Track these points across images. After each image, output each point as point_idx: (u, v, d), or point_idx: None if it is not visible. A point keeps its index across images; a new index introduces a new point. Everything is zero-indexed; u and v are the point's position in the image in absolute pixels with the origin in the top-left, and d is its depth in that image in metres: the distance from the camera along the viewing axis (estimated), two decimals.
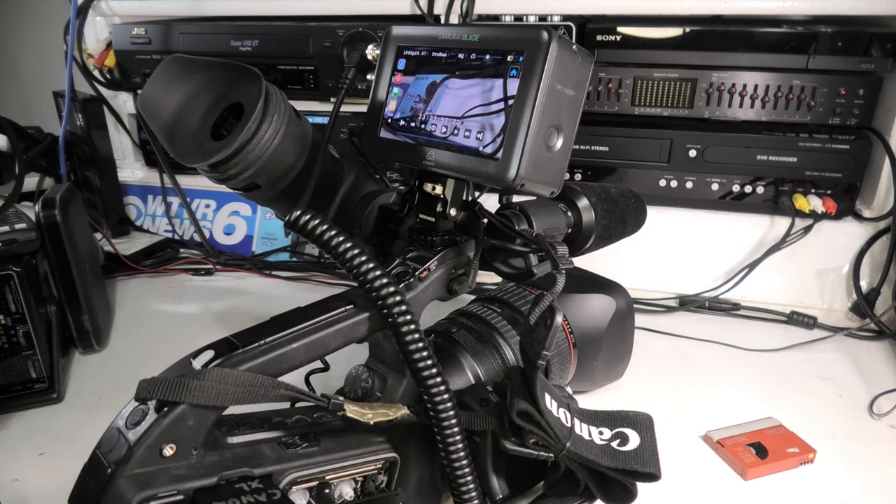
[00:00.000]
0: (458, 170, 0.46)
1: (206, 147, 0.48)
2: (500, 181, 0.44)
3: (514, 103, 0.43)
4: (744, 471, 0.57)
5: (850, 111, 0.80)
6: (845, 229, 0.84)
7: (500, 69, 0.44)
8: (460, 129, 0.46)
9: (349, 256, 0.40)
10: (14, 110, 0.95)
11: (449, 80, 0.48)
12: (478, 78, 0.45)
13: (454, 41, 0.47)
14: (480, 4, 0.85)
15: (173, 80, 0.50)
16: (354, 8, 0.91)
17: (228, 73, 0.50)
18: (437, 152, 0.47)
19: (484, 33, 0.45)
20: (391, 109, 0.50)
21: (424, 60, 0.49)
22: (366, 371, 0.48)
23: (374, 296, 0.41)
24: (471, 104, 0.46)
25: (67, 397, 0.69)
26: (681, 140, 0.84)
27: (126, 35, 1.01)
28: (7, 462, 0.60)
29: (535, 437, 0.43)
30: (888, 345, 0.78)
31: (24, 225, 0.67)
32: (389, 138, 0.51)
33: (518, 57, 0.43)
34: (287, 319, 0.42)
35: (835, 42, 0.78)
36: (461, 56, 0.46)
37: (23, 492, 0.57)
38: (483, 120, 0.45)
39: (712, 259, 0.88)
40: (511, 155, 0.43)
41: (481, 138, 0.45)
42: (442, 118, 0.47)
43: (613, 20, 0.85)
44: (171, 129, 0.49)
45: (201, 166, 0.50)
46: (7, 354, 0.66)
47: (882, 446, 0.61)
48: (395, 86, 0.50)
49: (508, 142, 0.43)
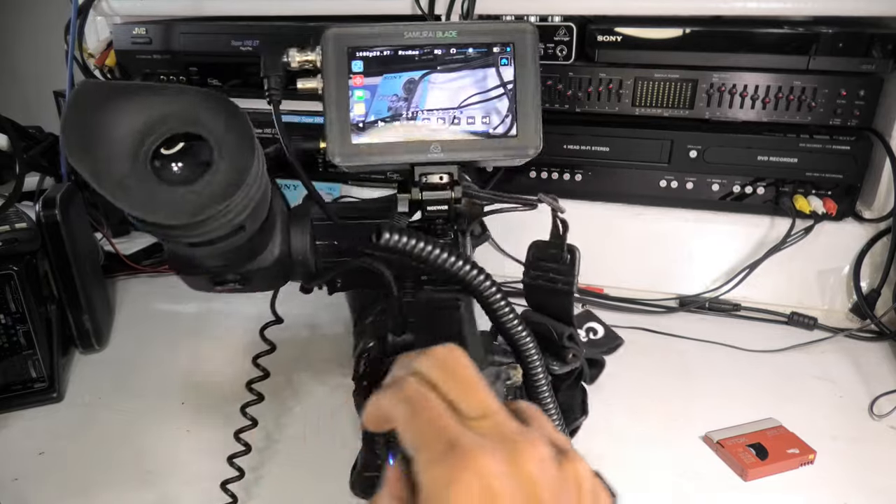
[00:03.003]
0: (472, 154, 0.50)
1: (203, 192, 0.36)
2: (525, 155, 0.51)
3: (516, 87, 0.50)
4: (744, 472, 0.57)
5: (851, 112, 0.80)
6: (846, 230, 0.84)
7: (489, 59, 0.50)
8: (460, 118, 0.50)
9: (443, 263, 0.42)
10: (14, 110, 0.95)
11: (430, 76, 0.49)
12: (465, 70, 0.50)
13: (426, 38, 0.49)
14: (481, 5, 0.85)
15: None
16: (354, 8, 0.91)
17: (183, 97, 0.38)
18: (441, 144, 0.49)
19: (461, 30, 0.50)
20: (360, 113, 0.50)
21: (390, 60, 0.49)
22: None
23: (478, 292, 0.43)
24: (466, 94, 0.50)
25: (67, 397, 0.69)
26: (681, 141, 0.84)
27: (127, 35, 1.01)
28: (7, 461, 0.60)
29: (573, 351, 0.58)
30: (888, 346, 0.78)
31: (25, 224, 0.67)
32: (368, 142, 0.50)
33: (505, 48, 0.50)
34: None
35: (836, 43, 0.78)
36: (438, 52, 0.50)
37: (23, 491, 0.57)
38: (486, 106, 0.50)
39: (712, 259, 0.88)
40: (527, 130, 0.50)
41: (488, 122, 0.50)
42: (435, 111, 0.50)
43: (614, 20, 0.85)
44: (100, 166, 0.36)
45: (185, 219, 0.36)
46: (7, 354, 0.66)
47: (882, 447, 0.61)
48: (357, 88, 0.50)
49: (522, 119, 0.50)
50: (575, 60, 0.86)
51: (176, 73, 1.01)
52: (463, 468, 0.26)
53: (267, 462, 0.60)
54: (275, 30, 0.95)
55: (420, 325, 0.43)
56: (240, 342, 0.78)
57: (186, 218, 0.36)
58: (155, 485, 0.58)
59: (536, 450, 0.28)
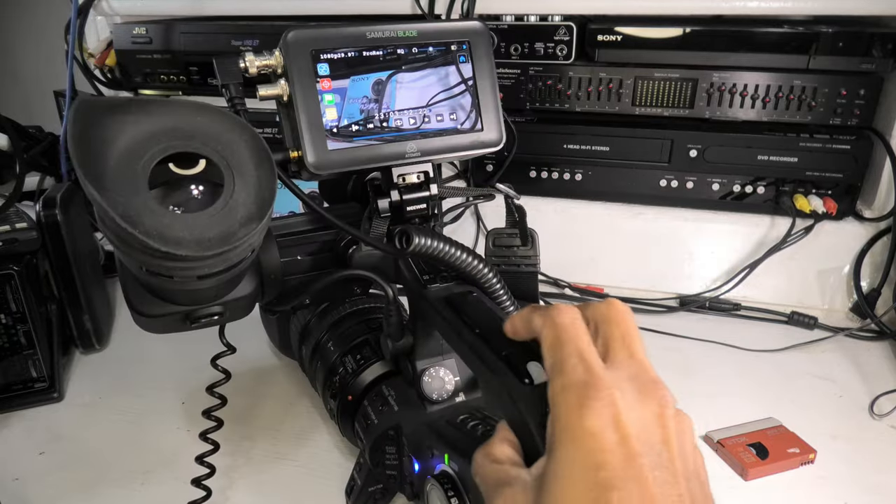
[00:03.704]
0: (445, 151, 0.51)
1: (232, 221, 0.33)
2: (492, 145, 0.52)
3: (476, 82, 0.51)
4: (744, 471, 0.57)
5: (851, 111, 0.80)
6: (846, 229, 0.84)
7: (449, 58, 0.51)
8: (430, 116, 0.51)
9: (467, 266, 0.45)
10: (15, 109, 0.95)
11: (397, 76, 0.50)
12: (428, 68, 0.50)
13: (389, 38, 0.49)
14: (481, 4, 0.85)
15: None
16: (354, 8, 0.91)
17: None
18: (416, 143, 0.50)
19: (420, 29, 0.50)
20: (332, 118, 0.48)
21: (356, 61, 0.48)
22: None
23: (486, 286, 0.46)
24: (432, 92, 0.51)
25: (68, 397, 0.69)
26: (681, 140, 0.84)
27: (127, 34, 1.01)
28: (7, 461, 0.60)
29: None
30: (888, 345, 0.78)
31: (25, 224, 0.67)
32: (345, 147, 0.48)
33: (462, 45, 0.51)
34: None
35: (836, 42, 0.78)
36: (401, 52, 0.50)
37: (23, 491, 0.57)
38: (451, 103, 0.51)
39: (712, 259, 0.88)
40: (491, 122, 0.52)
41: (455, 118, 0.51)
42: (405, 111, 0.50)
43: (614, 20, 0.85)
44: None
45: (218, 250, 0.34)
46: (7, 353, 0.66)
47: (882, 447, 0.61)
48: (326, 93, 0.48)
49: (484, 113, 0.52)
50: (575, 60, 0.86)
51: (176, 73, 1.01)
52: (596, 397, 0.28)
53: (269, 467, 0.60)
54: (275, 30, 0.95)
55: (451, 318, 0.42)
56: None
57: (218, 246, 0.32)
58: (155, 485, 0.58)
59: (666, 398, 0.30)
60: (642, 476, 0.27)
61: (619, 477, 0.27)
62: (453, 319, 0.41)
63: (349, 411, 0.54)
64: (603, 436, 0.28)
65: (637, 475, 0.27)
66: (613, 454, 0.27)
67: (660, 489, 0.27)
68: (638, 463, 0.27)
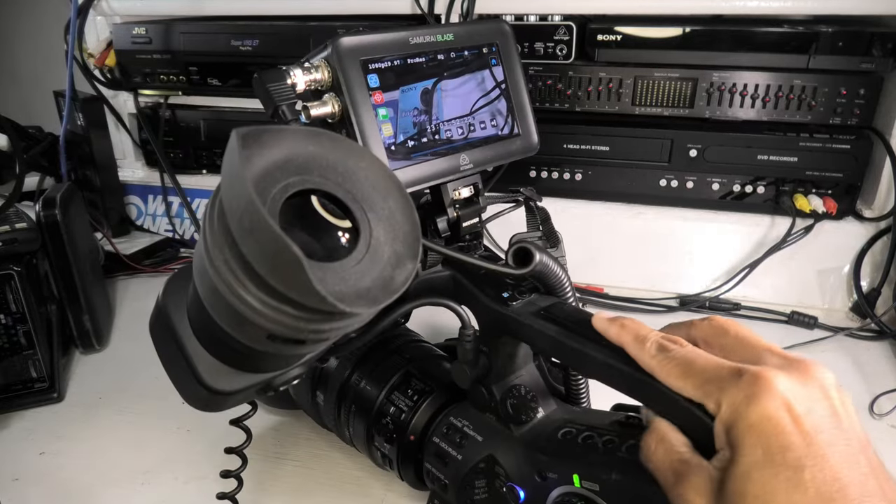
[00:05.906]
0: (493, 160, 0.49)
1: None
2: (530, 150, 0.51)
3: (508, 86, 0.50)
4: None
5: (851, 111, 0.80)
6: (846, 229, 0.84)
7: (482, 61, 0.49)
8: (475, 124, 0.48)
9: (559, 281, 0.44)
10: (14, 110, 0.95)
11: (441, 83, 0.46)
12: (467, 74, 0.48)
13: (430, 44, 0.46)
14: (481, 4, 0.85)
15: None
16: (354, 8, 0.91)
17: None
18: (467, 154, 0.48)
19: (456, 31, 0.47)
20: (389, 135, 0.43)
21: (403, 70, 0.44)
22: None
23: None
24: (473, 99, 0.48)
25: (68, 397, 0.69)
26: (681, 140, 0.84)
27: (127, 34, 1.01)
28: (7, 461, 0.60)
29: None
30: (889, 345, 0.78)
31: (25, 224, 0.67)
32: (405, 166, 0.44)
33: (491, 47, 0.49)
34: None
35: (836, 42, 0.78)
36: (441, 57, 0.47)
37: (23, 491, 0.57)
38: (490, 108, 0.49)
39: (712, 259, 0.88)
40: (528, 126, 0.51)
41: (496, 124, 0.49)
42: (454, 121, 0.47)
43: (614, 20, 0.85)
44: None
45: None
46: (7, 354, 0.66)
47: (882, 446, 0.61)
48: (380, 107, 0.43)
49: (520, 117, 0.51)
50: (575, 60, 0.86)
51: (176, 73, 1.01)
52: (754, 384, 0.29)
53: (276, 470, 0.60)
54: (275, 30, 0.95)
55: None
56: None
57: (383, 298, 0.27)
58: (155, 485, 0.58)
59: (822, 372, 0.31)
60: (823, 452, 0.28)
61: (805, 455, 0.28)
62: (561, 333, 0.40)
63: (412, 452, 0.50)
64: (780, 419, 0.28)
65: (819, 452, 0.28)
66: (795, 435, 0.28)
67: (844, 461, 0.28)
68: (817, 440, 0.28)
